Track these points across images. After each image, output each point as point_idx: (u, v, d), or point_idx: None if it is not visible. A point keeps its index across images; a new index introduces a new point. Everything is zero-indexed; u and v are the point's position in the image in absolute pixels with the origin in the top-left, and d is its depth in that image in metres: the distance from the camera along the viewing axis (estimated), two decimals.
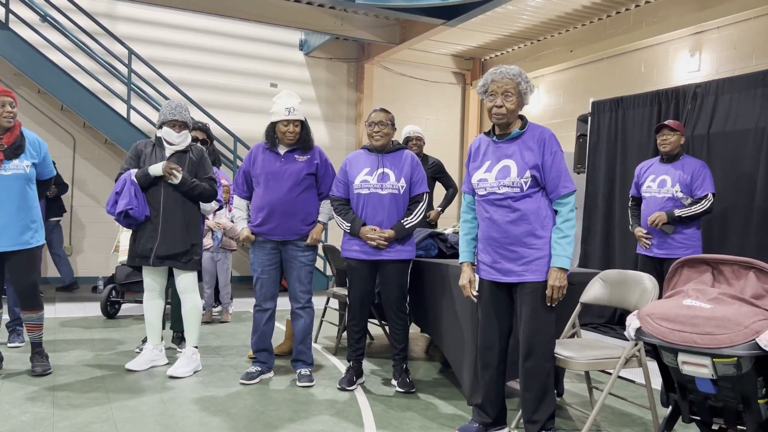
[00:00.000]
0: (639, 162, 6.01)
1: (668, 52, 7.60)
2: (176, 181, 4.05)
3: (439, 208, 6.10)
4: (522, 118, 3.03)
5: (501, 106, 2.91)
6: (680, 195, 4.75)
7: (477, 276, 3.16)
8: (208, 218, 5.73)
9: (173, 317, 4.90)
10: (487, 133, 3.09)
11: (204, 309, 6.02)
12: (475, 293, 3.14)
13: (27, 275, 3.95)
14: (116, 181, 4.10)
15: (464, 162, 12.05)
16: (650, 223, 4.83)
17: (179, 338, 4.93)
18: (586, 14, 8.28)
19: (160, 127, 4.15)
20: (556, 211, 2.96)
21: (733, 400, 2.36)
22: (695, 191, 4.72)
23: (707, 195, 4.68)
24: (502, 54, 10.38)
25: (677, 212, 4.71)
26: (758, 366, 2.26)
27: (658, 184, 4.87)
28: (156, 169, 4.04)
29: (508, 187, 2.93)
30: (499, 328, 3.06)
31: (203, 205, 4.52)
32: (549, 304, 2.89)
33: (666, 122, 4.85)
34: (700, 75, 7.13)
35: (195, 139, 5.04)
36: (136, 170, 4.08)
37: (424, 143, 5.82)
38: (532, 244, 2.91)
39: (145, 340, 4.79)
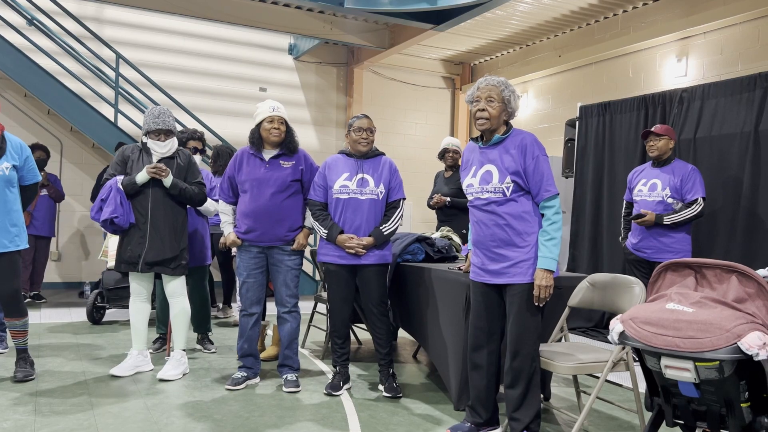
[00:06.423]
0: (626, 166, 6.05)
1: (656, 57, 7.64)
2: (167, 181, 4.04)
3: (448, 199, 5.72)
4: (507, 125, 3.08)
5: (483, 110, 3.00)
6: (670, 200, 4.77)
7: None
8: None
9: (195, 320, 5.02)
10: (475, 140, 3.16)
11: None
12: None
13: (8, 281, 3.90)
14: (100, 185, 4.08)
15: None
16: (637, 223, 4.86)
17: (203, 339, 5.05)
18: (575, 19, 8.32)
19: (146, 134, 4.15)
20: (543, 214, 2.99)
21: (716, 404, 2.36)
22: (685, 195, 4.74)
23: (697, 199, 4.69)
24: (491, 59, 10.41)
25: (666, 219, 4.72)
26: (740, 370, 2.26)
27: (649, 187, 4.89)
28: (142, 176, 4.03)
29: (490, 192, 3.00)
30: (488, 329, 3.09)
31: (206, 207, 4.69)
32: (537, 305, 2.94)
33: (652, 128, 4.88)
34: (687, 80, 7.18)
35: (195, 149, 5.04)
36: (122, 177, 4.07)
37: (460, 156, 5.82)
38: (518, 247, 2.97)
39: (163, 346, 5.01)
